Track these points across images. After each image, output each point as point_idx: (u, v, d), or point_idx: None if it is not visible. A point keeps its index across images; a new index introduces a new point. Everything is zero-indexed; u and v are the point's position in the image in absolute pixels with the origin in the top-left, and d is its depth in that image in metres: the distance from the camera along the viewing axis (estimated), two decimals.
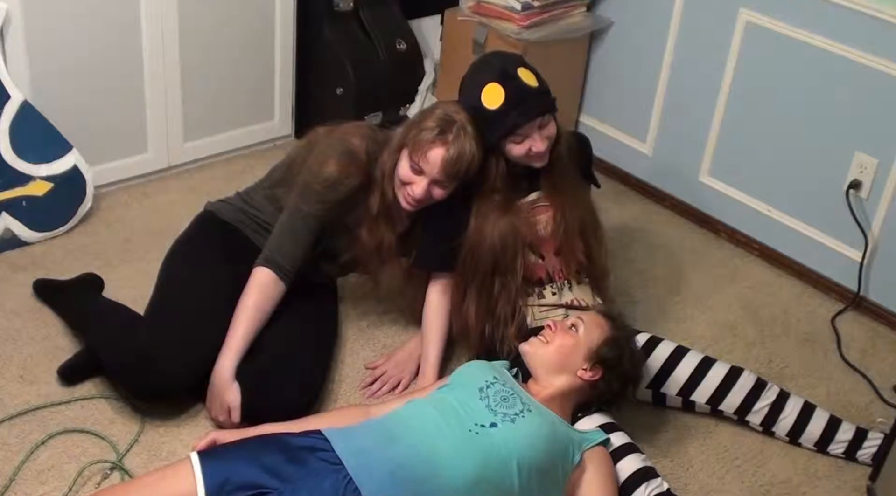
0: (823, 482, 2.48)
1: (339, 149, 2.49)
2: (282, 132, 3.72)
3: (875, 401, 2.77)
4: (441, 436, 2.04)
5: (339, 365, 2.69)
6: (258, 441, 2.06)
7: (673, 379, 2.54)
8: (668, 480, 2.34)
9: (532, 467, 2.05)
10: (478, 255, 2.50)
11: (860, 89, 2.97)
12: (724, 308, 3.10)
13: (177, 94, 3.33)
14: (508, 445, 2.04)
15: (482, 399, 2.14)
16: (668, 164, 3.58)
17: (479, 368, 2.29)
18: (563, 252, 2.56)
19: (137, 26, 3.14)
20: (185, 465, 1.96)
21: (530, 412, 2.13)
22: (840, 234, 3.14)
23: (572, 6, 3.58)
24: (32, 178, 2.99)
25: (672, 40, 3.44)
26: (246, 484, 1.92)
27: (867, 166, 3.01)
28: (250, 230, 2.64)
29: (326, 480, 1.95)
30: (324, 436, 2.06)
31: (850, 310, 3.13)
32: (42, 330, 2.69)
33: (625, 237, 3.40)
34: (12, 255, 2.98)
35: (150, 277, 2.64)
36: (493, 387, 2.18)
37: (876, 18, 2.88)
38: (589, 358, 2.28)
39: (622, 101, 3.69)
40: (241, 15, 3.39)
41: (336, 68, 3.59)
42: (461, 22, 3.62)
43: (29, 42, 2.93)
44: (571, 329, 2.33)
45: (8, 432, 2.36)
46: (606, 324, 2.36)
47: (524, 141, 2.42)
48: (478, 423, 2.08)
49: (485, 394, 2.16)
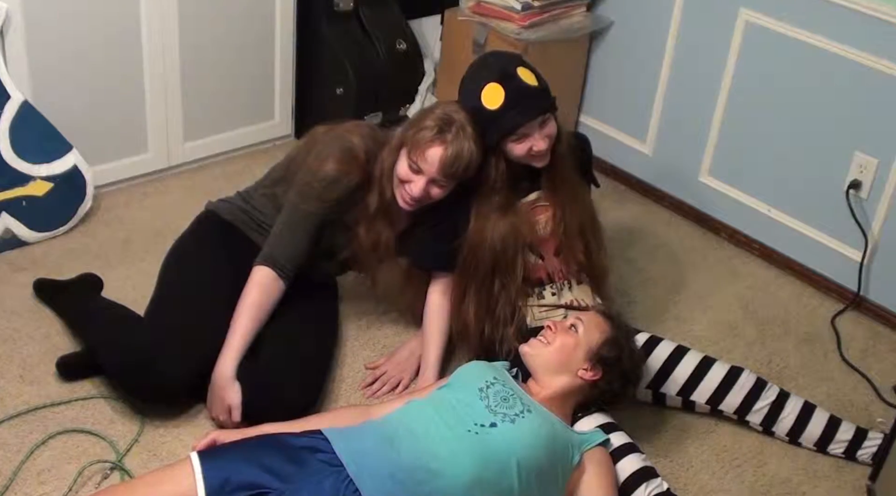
0: (823, 482, 2.48)
1: (339, 147, 2.49)
2: (282, 132, 3.72)
3: (875, 401, 2.77)
4: (440, 436, 2.04)
5: (339, 365, 2.69)
6: (258, 441, 2.06)
7: (673, 379, 2.54)
8: (668, 480, 2.34)
9: (532, 468, 2.04)
10: (478, 256, 2.50)
11: (860, 89, 2.97)
12: (724, 308, 3.10)
13: (177, 94, 3.33)
14: (508, 446, 2.04)
15: (482, 399, 2.14)
16: (668, 164, 3.58)
17: (478, 369, 2.29)
18: (563, 251, 2.56)
19: (137, 26, 3.14)
20: (185, 465, 1.96)
21: (530, 413, 2.13)
22: (840, 234, 3.14)
23: (572, 6, 3.58)
24: (32, 178, 2.99)
25: (672, 40, 3.44)
26: (246, 484, 1.92)
27: (867, 166, 3.01)
28: (251, 229, 2.64)
29: (327, 481, 1.95)
30: (324, 437, 2.06)
31: (850, 310, 3.13)
32: (42, 330, 2.69)
33: (625, 237, 3.40)
34: (12, 255, 2.98)
35: (150, 277, 2.64)
36: (492, 387, 2.18)
37: (876, 18, 2.88)
38: (589, 358, 2.28)
39: (622, 101, 3.69)
40: (241, 15, 3.39)
41: (336, 68, 3.59)
42: (461, 22, 3.62)
43: (29, 42, 2.93)
44: (571, 329, 2.33)
45: (8, 432, 2.36)
46: (606, 323, 2.36)
47: (525, 140, 2.42)
48: (477, 423, 2.07)
49: (484, 394, 2.15)
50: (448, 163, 2.38)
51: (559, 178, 2.54)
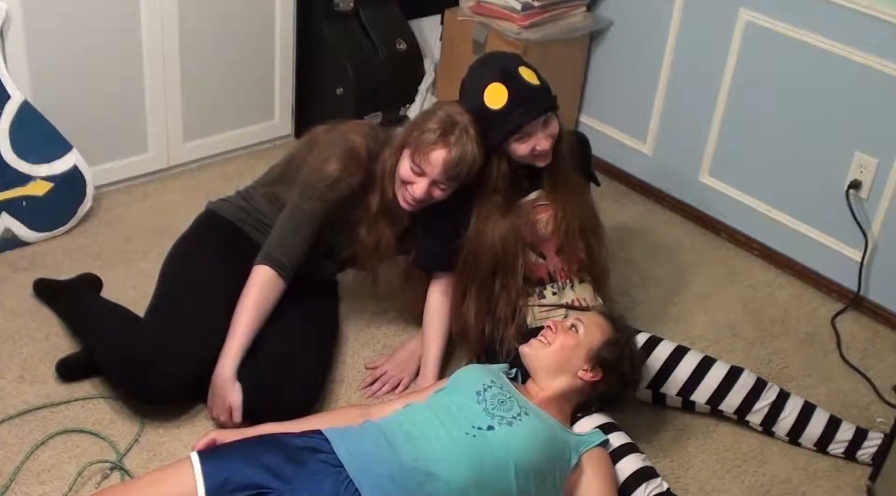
0: (823, 482, 2.48)
1: (341, 147, 2.49)
2: (282, 132, 3.72)
3: (875, 401, 2.77)
4: (438, 439, 2.04)
5: (340, 365, 2.69)
6: (258, 441, 2.06)
7: (673, 379, 2.54)
8: (668, 480, 2.34)
9: (529, 470, 2.04)
10: (479, 256, 2.50)
11: (860, 89, 2.97)
12: (724, 308, 3.10)
13: (177, 94, 3.33)
14: (505, 448, 2.04)
15: (479, 402, 2.14)
16: (668, 164, 3.58)
17: (476, 372, 2.28)
18: (564, 250, 2.56)
19: (138, 26, 3.14)
20: (185, 465, 1.96)
21: (527, 415, 2.13)
22: (840, 234, 3.14)
23: (572, 6, 3.58)
24: (32, 178, 2.99)
25: (672, 40, 3.44)
26: (246, 484, 1.92)
27: (867, 166, 3.01)
28: (251, 228, 2.64)
29: (327, 481, 1.95)
30: (324, 437, 2.06)
31: (850, 310, 3.13)
32: (42, 330, 2.69)
33: (625, 237, 3.40)
34: (12, 255, 2.97)
35: (149, 277, 2.64)
36: (490, 390, 2.18)
37: (876, 18, 2.88)
38: (589, 359, 2.28)
39: (622, 101, 3.69)
40: (241, 15, 3.39)
41: (336, 68, 3.59)
42: (461, 22, 3.62)
43: (29, 42, 2.93)
44: (572, 329, 2.32)
45: (8, 432, 2.36)
46: (607, 324, 2.35)
47: (528, 140, 2.42)
48: (475, 426, 2.07)
49: (482, 397, 2.15)
50: (451, 165, 2.38)
51: (560, 177, 2.54)
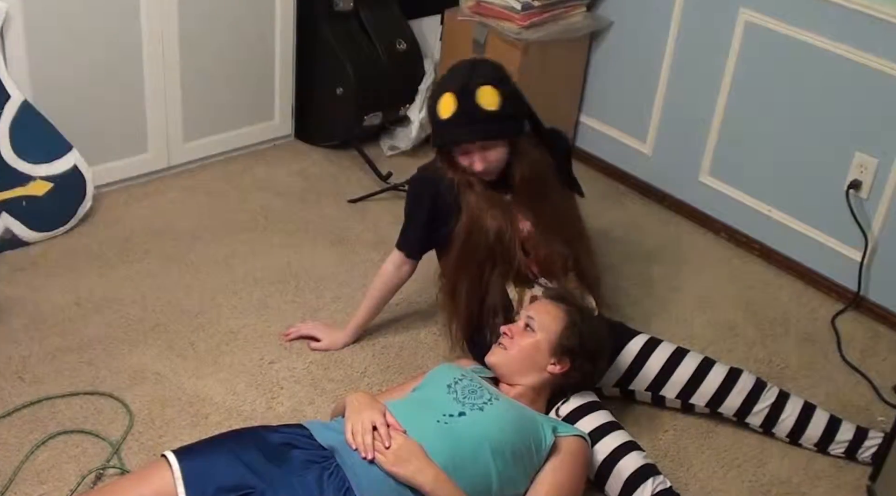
0: (823, 482, 2.48)
1: None
2: (282, 132, 3.72)
3: (875, 401, 2.77)
4: (412, 430, 2.07)
5: (338, 365, 2.69)
6: (236, 439, 2.06)
7: (672, 382, 2.54)
8: (668, 480, 2.34)
9: (505, 450, 2.07)
10: (474, 243, 2.51)
11: (860, 89, 2.97)
12: (724, 308, 3.10)
13: (177, 94, 3.33)
14: (478, 431, 2.07)
15: (450, 393, 2.17)
16: (668, 164, 3.58)
17: (448, 369, 2.32)
18: (542, 270, 2.56)
19: (137, 26, 3.14)
20: (162, 466, 1.96)
21: (498, 400, 2.17)
22: (840, 234, 3.14)
23: (572, 6, 3.58)
24: (32, 178, 2.99)
25: (672, 40, 3.44)
26: (228, 484, 1.92)
27: (867, 166, 3.01)
28: None
29: (310, 474, 1.97)
30: (305, 430, 2.08)
31: (850, 310, 3.12)
32: (42, 330, 2.69)
33: (625, 237, 3.40)
34: (12, 255, 2.98)
35: (150, 277, 2.64)
36: (461, 382, 2.21)
37: (876, 18, 2.88)
38: (553, 352, 2.29)
39: (622, 101, 3.69)
40: (241, 15, 3.39)
41: (336, 68, 3.59)
42: (461, 22, 3.62)
43: (29, 42, 2.94)
44: (527, 329, 2.33)
45: (7, 432, 2.36)
46: (557, 309, 2.34)
47: (465, 156, 2.49)
48: (446, 414, 2.10)
49: (453, 389, 2.19)
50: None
51: (525, 185, 2.55)
